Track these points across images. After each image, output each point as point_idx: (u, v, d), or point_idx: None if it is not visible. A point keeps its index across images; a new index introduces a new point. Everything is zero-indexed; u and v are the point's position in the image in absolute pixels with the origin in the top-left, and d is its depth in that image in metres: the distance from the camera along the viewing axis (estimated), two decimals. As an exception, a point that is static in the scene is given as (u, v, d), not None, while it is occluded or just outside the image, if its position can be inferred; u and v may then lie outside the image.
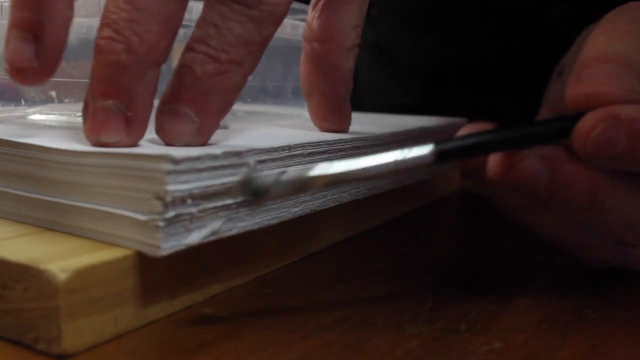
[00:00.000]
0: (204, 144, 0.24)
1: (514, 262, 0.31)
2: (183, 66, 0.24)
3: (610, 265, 0.29)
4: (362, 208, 0.35)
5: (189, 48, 0.24)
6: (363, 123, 0.38)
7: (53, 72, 0.24)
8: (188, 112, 0.23)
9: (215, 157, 0.22)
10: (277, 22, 0.24)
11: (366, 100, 0.68)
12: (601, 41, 0.26)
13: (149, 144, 0.24)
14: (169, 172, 0.20)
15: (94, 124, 0.23)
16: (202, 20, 0.24)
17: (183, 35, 0.25)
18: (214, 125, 0.24)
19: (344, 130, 0.33)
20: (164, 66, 0.24)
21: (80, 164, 0.22)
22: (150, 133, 0.24)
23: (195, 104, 0.23)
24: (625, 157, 0.24)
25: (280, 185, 0.21)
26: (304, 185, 0.22)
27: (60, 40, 0.23)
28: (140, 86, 0.22)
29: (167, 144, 0.24)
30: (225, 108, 0.24)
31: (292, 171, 0.21)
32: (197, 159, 0.21)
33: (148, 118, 0.23)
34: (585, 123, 0.24)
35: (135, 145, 0.23)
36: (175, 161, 0.20)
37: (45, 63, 0.23)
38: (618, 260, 0.28)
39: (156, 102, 0.24)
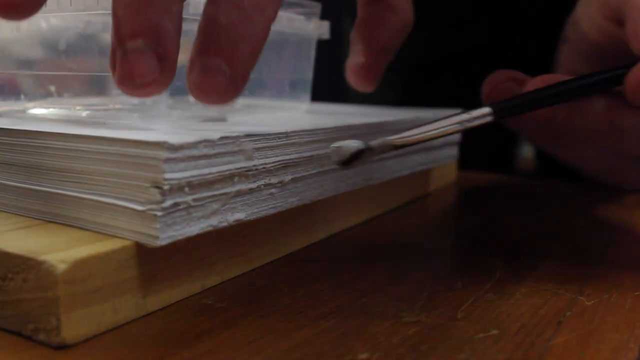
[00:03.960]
0: (237, 96, 0.24)
1: (510, 251, 0.31)
2: (208, 19, 0.23)
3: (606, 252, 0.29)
4: (360, 199, 0.35)
5: (211, 1, 0.23)
6: (356, 114, 0.39)
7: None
8: (219, 63, 0.23)
9: (212, 142, 0.22)
10: None
11: (354, 97, 0.68)
12: None
13: (148, 132, 0.24)
14: (167, 160, 0.20)
15: (126, 68, 0.22)
16: None
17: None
18: (246, 75, 0.24)
19: (369, 88, 0.34)
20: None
21: (77, 150, 0.22)
22: (155, 123, 0.24)
23: (225, 54, 0.23)
24: None
25: (368, 150, 0.25)
26: (386, 148, 0.25)
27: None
28: (167, 21, 0.22)
29: (202, 101, 0.23)
30: (254, 57, 0.24)
31: (378, 140, 0.25)
32: (195, 145, 0.21)
33: (177, 54, 0.23)
34: (637, 71, 0.27)
35: (167, 86, 0.23)
36: (173, 148, 0.20)
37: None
38: None
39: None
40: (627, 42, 0.29)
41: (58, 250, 0.20)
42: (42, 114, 0.31)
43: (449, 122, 0.26)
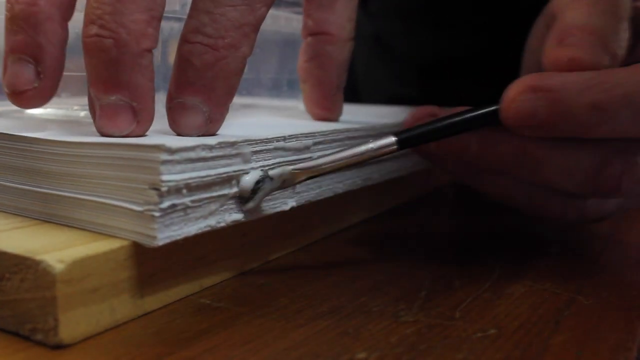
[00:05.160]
0: (217, 131, 0.25)
1: (508, 251, 0.31)
2: (182, 59, 0.24)
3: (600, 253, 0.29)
4: (357, 199, 0.35)
5: (184, 40, 0.24)
6: (357, 114, 0.39)
7: (54, 93, 0.24)
8: (196, 103, 0.24)
9: (210, 147, 0.22)
10: (269, 1, 0.25)
11: (364, 92, 0.68)
12: (583, 13, 0.28)
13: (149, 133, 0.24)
14: (164, 162, 0.20)
15: (104, 121, 0.23)
16: (194, 10, 0.24)
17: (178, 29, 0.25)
18: (224, 111, 0.25)
19: (334, 119, 0.34)
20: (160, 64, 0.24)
21: (76, 155, 0.22)
22: (153, 123, 0.24)
23: (202, 94, 0.24)
24: (547, 126, 0.26)
25: (267, 184, 0.24)
26: (288, 180, 0.25)
27: (58, 61, 0.24)
28: (137, 76, 0.23)
29: (183, 135, 0.24)
30: (231, 92, 0.25)
31: (277, 169, 0.25)
32: (192, 149, 0.21)
33: (153, 103, 0.24)
34: (507, 96, 0.26)
35: (146, 132, 0.24)
36: (170, 151, 0.20)
37: (46, 83, 0.24)
38: (574, 215, 0.30)
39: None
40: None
41: (56, 250, 0.20)
42: (39, 113, 0.31)
43: (353, 152, 0.25)
